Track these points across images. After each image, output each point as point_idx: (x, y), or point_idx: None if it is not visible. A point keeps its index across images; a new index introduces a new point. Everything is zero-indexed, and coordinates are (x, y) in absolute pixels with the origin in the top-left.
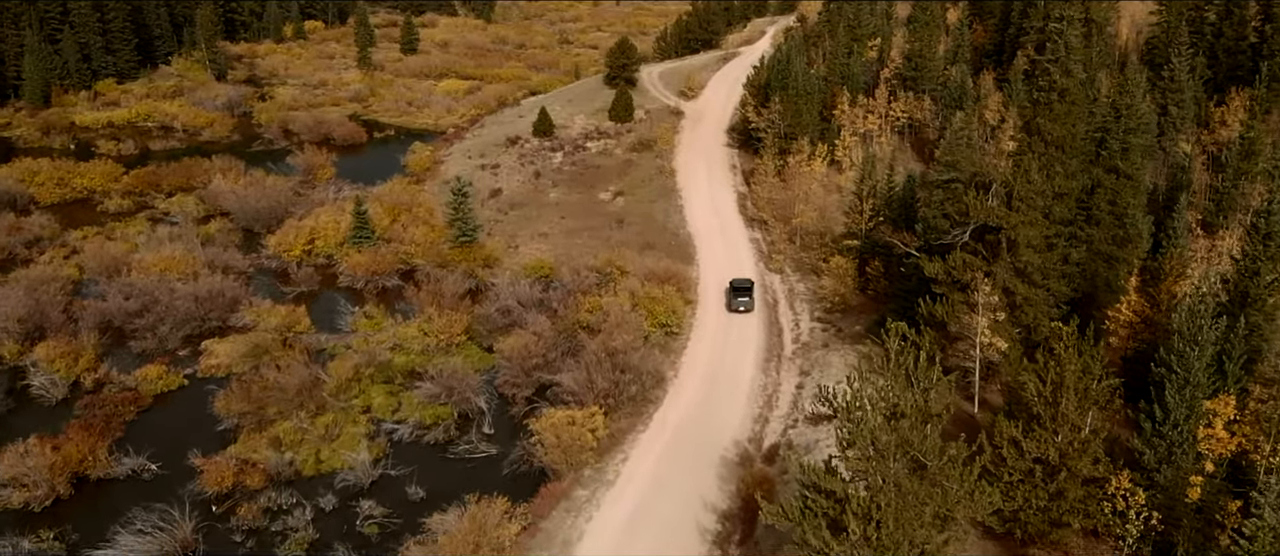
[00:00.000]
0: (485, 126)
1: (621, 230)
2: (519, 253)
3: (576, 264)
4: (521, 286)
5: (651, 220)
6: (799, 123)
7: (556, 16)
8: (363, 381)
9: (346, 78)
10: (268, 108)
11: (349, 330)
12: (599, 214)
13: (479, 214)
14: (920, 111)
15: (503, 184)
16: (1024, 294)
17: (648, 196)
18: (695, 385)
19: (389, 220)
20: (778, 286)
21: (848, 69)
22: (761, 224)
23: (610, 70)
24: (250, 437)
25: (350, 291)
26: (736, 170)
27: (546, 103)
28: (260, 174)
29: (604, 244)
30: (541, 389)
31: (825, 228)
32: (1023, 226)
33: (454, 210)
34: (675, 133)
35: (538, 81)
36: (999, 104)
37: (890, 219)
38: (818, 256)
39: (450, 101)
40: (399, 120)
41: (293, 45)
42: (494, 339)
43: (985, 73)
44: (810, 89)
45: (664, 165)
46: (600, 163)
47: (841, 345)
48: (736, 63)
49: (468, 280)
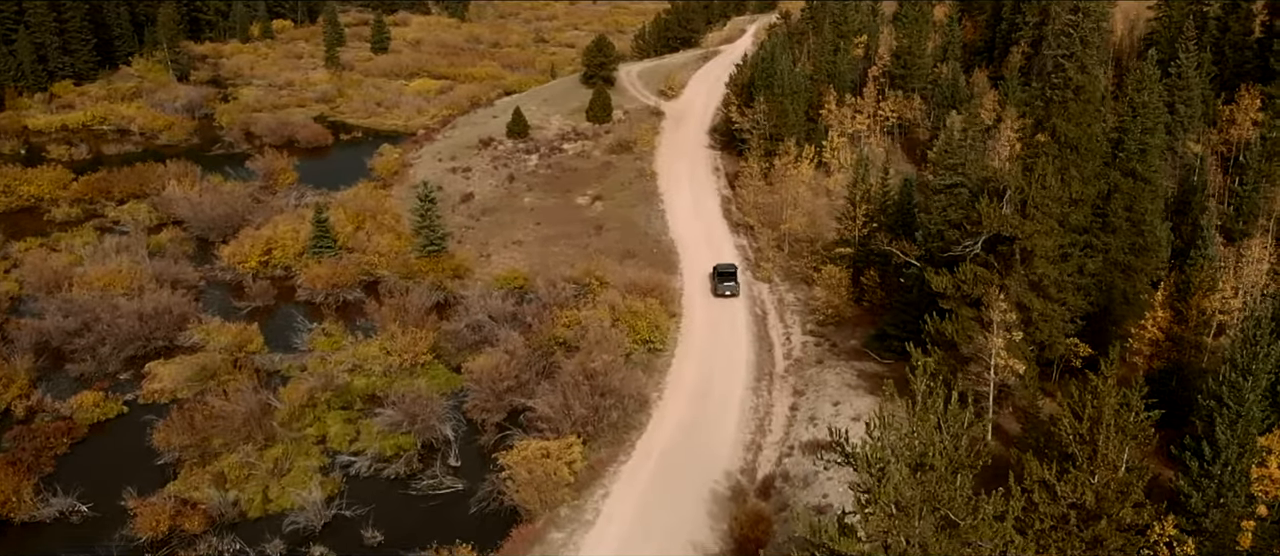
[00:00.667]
0: (457, 127)
1: (600, 237)
2: (491, 262)
3: (552, 274)
4: (493, 299)
5: (632, 226)
6: (785, 123)
7: (532, 15)
8: (318, 407)
9: (314, 78)
10: (230, 109)
11: (305, 349)
12: (576, 220)
13: (449, 221)
14: (910, 111)
15: (474, 188)
16: (1040, 310)
17: (628, 201)
18: (681, 408)
19: (352, 228)
20: (766, 297)
21: (834, 67)
22: (748, 229)
23: (587, 69)
24: (191, 474)
25: (309, 306)
26: (720, 172)
27: (521, 103)
28: (217, 179)
29: (582, 252)
30: (514, 413)
31: (815, 234)
32: (1039, 236)
33: (420, 217)
34: (656, 133)
35: (512, 81)
36: (994, 102)
37: (886, 225)
38: (808, 264)
39: (421, 102)
40: (367, 121)
41: (259, 45)
42: (463, 358)
43: (977, 70)
44: (796, 88)
45: (644, 167)
46: (577, 165)
47: (837, 361)
48: (717, 61)
49: (435, 293)
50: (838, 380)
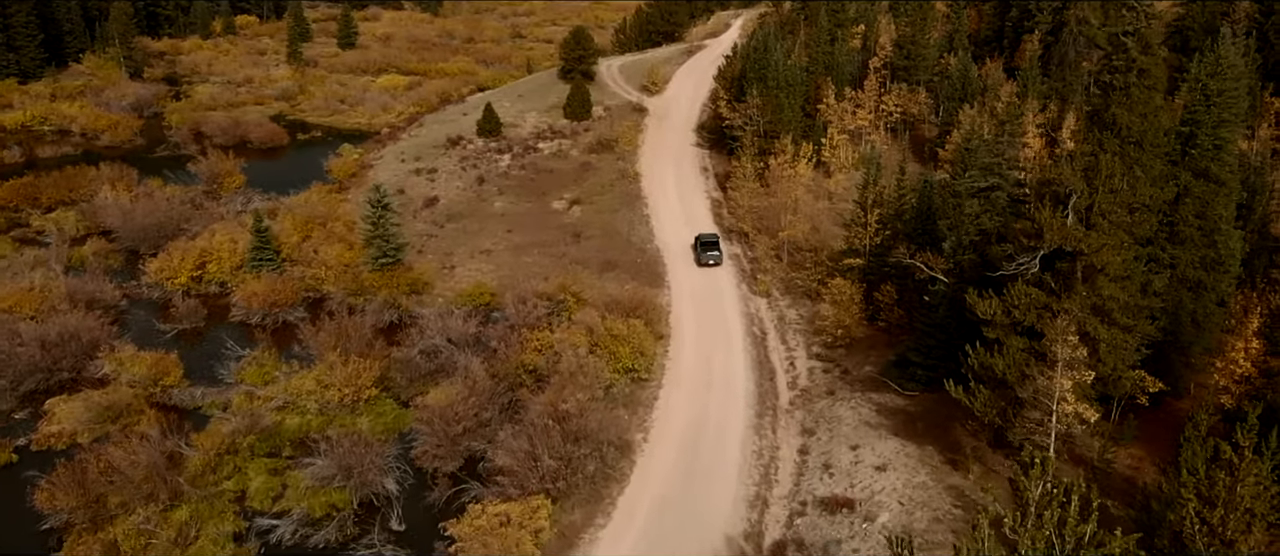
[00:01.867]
0: (424, 126)
1: (578, 246)
2: (455, 275)
3: (523, 289)
4: (454, 319)
5: (613, 233)
6: (780, 119)
7: (509, 11)
8: (239, 455)
9: (275, 75)
10: (181, 108)
11: (231, 382)
12: (551, 226)
13: (409, 228)
14: (916, 105)
15: (440, 191)
16: (1106, 339)
17: (608, 205)
18: (670, 453)
19: (298, 238)
20: (765, 314)
21: (832, 58)
22: (742, 236)
23: (565, 63)
24: (79, 543)
25: (244, 328)
26: (709, 173)
27: (494, 99)
28: (156, 183)
29: (557, 263)
30: (472, 461)
31: (818, 242)
32: (1107, 250)
33: (372, 225)
34: (639, 131)
35: (486, 77)
36: (1011, 95)
37: (904, 234)
38: (811, 277)
39: (387, 98)
40: (328, 120)
41: (221, 41)
42: (416, 391)
43: (988, 61)
44: (792, 80)
45: (627, 168)
46: (554, 166)
47: (850, 392)
48: (702, 55)
49: (388, 312)
50: (854, 416)
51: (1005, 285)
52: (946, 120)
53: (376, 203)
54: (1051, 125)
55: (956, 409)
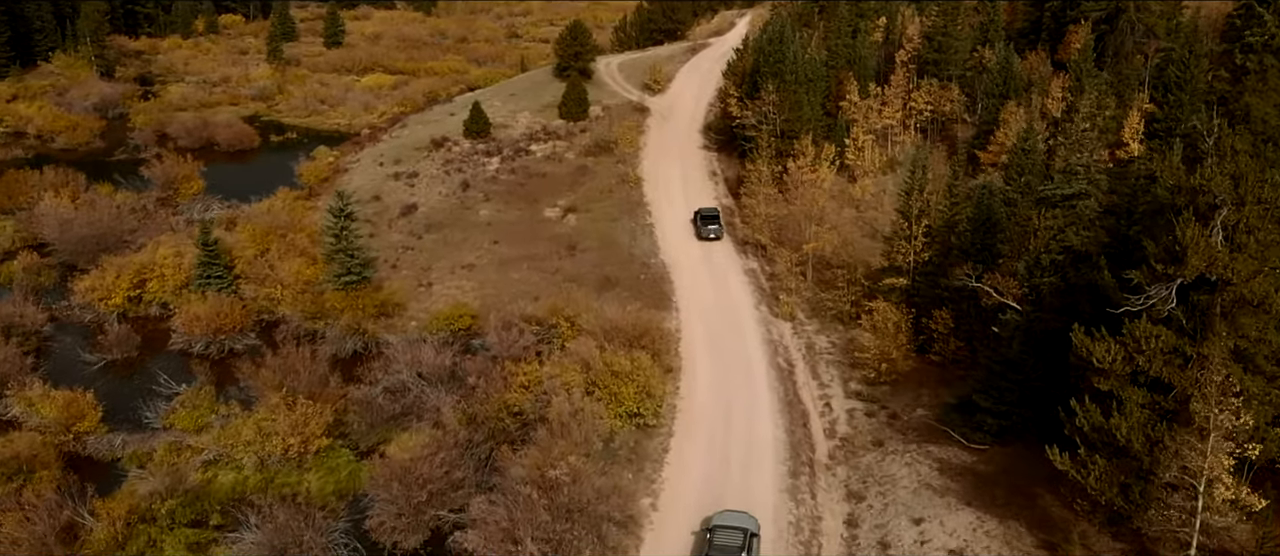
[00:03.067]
0: (408, 126)
1: (573, 260)
2: (432, 294)
3: (509, 311)
4: (426, 349)
5: (612, 245)
6: (799, 117)
7: (505, 11)
8: (156, 525)
9: (254, 74)
10: (148, 108)
11: (160, 426)
12: (543, 237)
13: (384, 239)
14: (948, 102)
15: (420, 198)
16: (1257, 392)
17: (607, 213)
18: (686, 525)
19: (254, 252)
20: (790, 341)
21: (854, 52)
22: (758, 250)
23: (561, 60)
24: None
25: (184, 358)
26: (718, 178)
27: (484, 98)
28: (105, 189)
29: (548, 280)
30: (439, 536)
31: (848, 257)
32: (1260, 279)
33: (334, 238)
34: (640, 132)
35: (477, 76)
36: (1063, 89)
37: (960, 250)
38: (844, 298)
39: (370, 98)
40: (306, 121)
41: (203, 40)
42: (378, 438)
43: (1028, 53)
44: (813, 74)
45: (627, 172)
46: (547, 170)
47: (902, 443)
48: (707, 53)
49: (352, 339)
50: (911, 476)
51: (1122, 322)
52: (986, 118)
53: (339, 212)
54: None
55: (1041, 466)
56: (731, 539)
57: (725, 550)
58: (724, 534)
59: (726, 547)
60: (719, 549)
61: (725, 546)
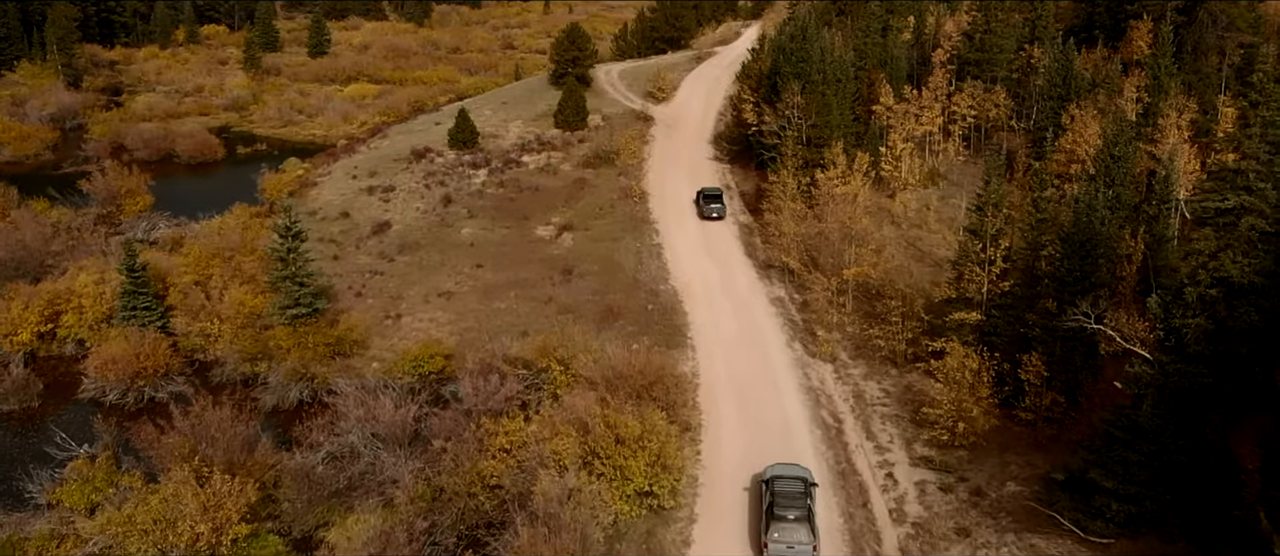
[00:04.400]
0: (388, 137)
1: (568, 286)
2: (400, 328)
3: (491, 350)
4: (384, 402)
5: (615, 269)
6: (827, 123)
7: (500, 23)
8: None
9: (230, 83)
10: (109, 119)
11: (45, 502)
12: (534, 259)
13: (350, 262)
14: (995, 107)
15: (394, 214)
16: None
17: (608, 231)
18: None
19: (192, 278)
20: (834, 388)
21: (886, 52)
22: (786, 274)
23: (557, 66)
24: None
25: (97, 408)
26: (733, 191)
27: (474, 107)
28: (40, 206)
29: (540, 310)
30: None
31: (900, 284)
32: None
33: (281, 262)
34: (644, 142)
35: (469, 85)
36: (1137, 89)
37: (1054, 278)
38: (898, 335)
39: (350, 108)
40: (280, 132)
41: (181, 50)
42: (317, 519)
43: (1084, 51)
44: (842, 75)
45: (631, 185)
46: (540, 183)
47: (996, 531)
48: (714, 62)
49: (298, 386)
50: None
51: None
52: (1040, 123)
53: (286, 230)
54: (1200, 127)
55: None
56: (793, 486)
57: (789, 496)
58: (784, 482)
59: (789, 494)
60: (783, 495)
61: (788, 492)
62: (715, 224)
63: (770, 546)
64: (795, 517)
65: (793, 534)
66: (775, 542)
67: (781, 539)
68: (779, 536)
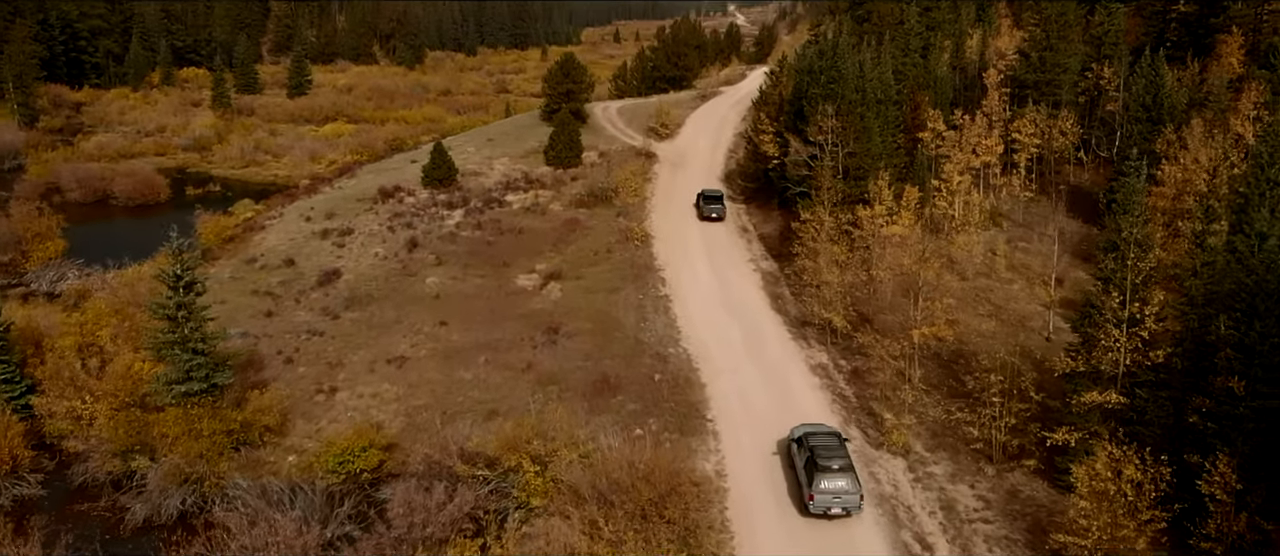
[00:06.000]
0: (357, 176)
1: (553, 350)
2: (333, 406)
3: (445, 438)
4: (286, 521)
5: (611, 327)
6: (868, 151)
7: (496, 69)
8: None
9: (196, 123)
10: (51, 159)
11: None
12: (512, 315)
13: (284, 320)
14: (1063, 135)
15: (348, 262)
16: None
17: (604, 280)
18: None
19: (76, 341)
20: (911, 494)
21: (927, 73)
22: (826, 334)
23: (550, 99)
24: None
25: None
26: (751, 235)
27: (456, 144)
28: None
29: (515, 381)
30: None
31: (980, 349)
32: None
33: (170, 322)
34: (646, 178)
35: (455, 123)
36: (1255, 106)
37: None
38: (997, 422)
39: (320, 146)
40: (240, 172)
41: (155, 91)
42: None
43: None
44: (884, 95)
45: (631, 227)
46: (524, 224)
47: None
48: (720, 101)
49: (182, 489)
50: None
51: None
52: (1122, 154)
53: (175, 281)
54: None
55: None
56: (829, 440)
57: (829, 448)
58: (820, 438)
59: (829, 446)
60: (822, 448)
61: (827, 445)
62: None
63: (816, 498)
64: (840, 466)
65: (837, 483)
66: (822, 493)
67: (828, 489)
68: (826, 486)
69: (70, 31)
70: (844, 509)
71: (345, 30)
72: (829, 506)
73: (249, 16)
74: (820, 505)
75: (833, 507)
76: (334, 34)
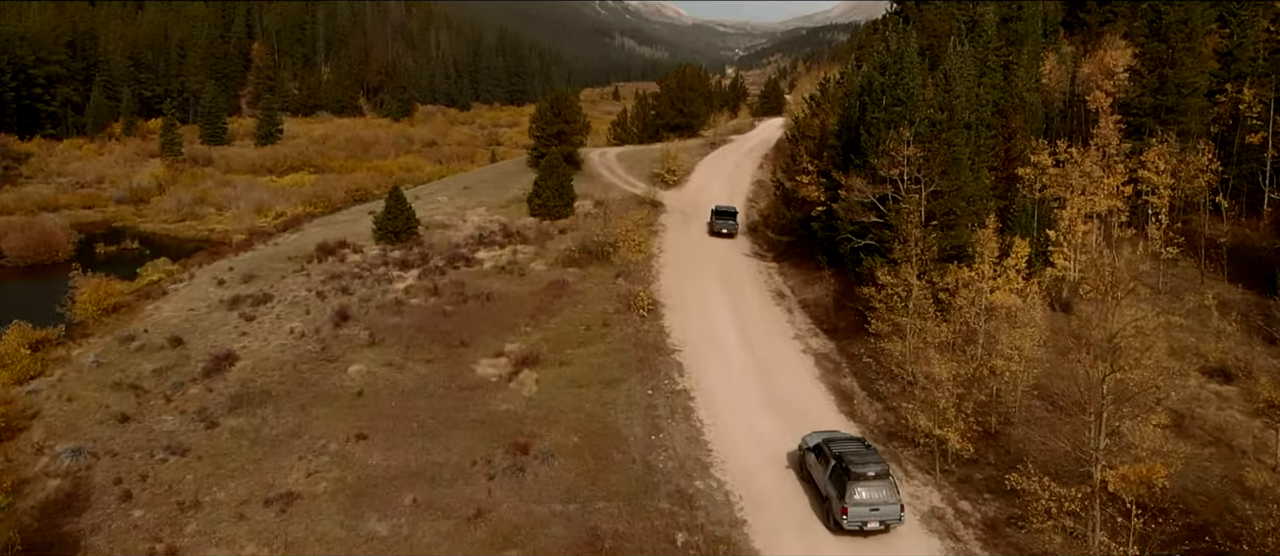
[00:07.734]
0: (303, 230)
1: (519, 483)
2: None
3: None
4: None
5: (609, 443)
6: (960, 191)
7: (489, 122)
8: None
9: (140, 174)
10: None
11: None
12: (464, 421)
13: (134, 431)
14: (1199, 173)
15: (252, 341)
16: None
17: (597, 367)
18: None
19: None
20: None
21: (1013, 95)
22: (932, 459)
23: (538, 142)
24: None
25: None
26: (789, 302)
27: (427, 193)
28: None
29: (453, 540)
30: None
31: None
32: None
33: None
34: (653, 231)
35: (433, 172)
36: None
37: None
38: None
39: (269, 197)
40: (172, 227)
41: (113, 142)
42: None
43: None
44: (980, 118)
45: (635, 292)
46: (495, 288)
47: None
48: (731, 148)
49: None
50: None
51: None
52: None
53: None
54: None
55: None
56: (856, 446)
57: (860, 453)
58: (844, 443)
59: (859, 450)
60: (852, 453)
61: (856, 450)
62: (786, 365)
63: (851, 512)
64: (877, 474)
65: (877, 492)
66: (858, 505)
67: (866, 499)
68: (864, 496)
69: (23, 77)
70: (882, 523)
71: (330, 82)
72: (866, 520)
73: (227, 68)
74: (856, 519)
75: (870, 522)
76: (318, 86)
